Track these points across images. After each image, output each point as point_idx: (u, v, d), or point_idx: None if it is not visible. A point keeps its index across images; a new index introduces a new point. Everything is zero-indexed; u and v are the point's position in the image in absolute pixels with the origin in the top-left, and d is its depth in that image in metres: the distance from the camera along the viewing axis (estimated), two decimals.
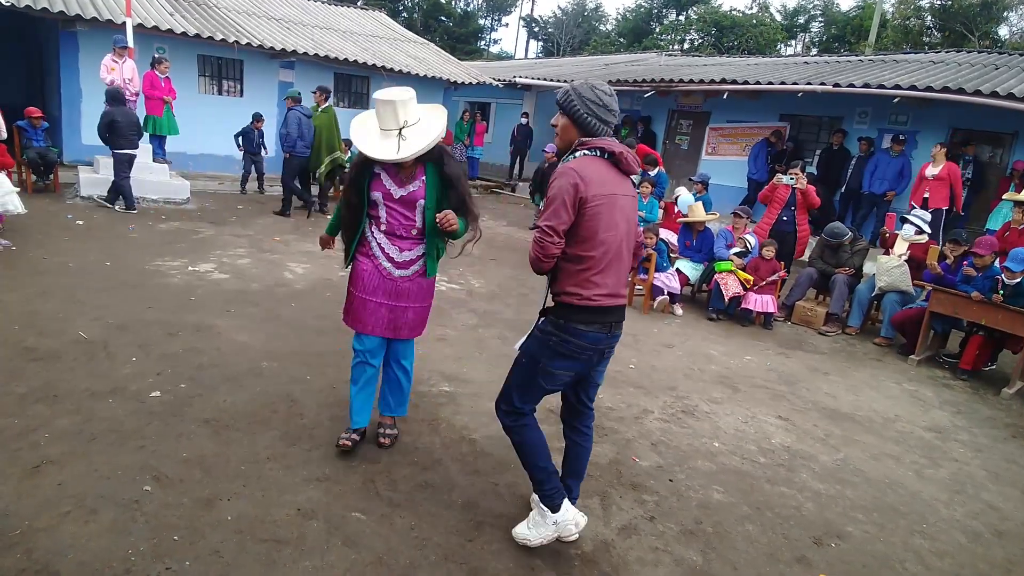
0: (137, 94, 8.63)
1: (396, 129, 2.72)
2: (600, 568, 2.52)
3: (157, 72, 8.77)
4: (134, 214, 7.80)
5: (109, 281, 5.19)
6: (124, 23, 8.67)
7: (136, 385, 3.47)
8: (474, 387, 4.02)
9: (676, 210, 7.79)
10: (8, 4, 8.83)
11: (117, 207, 7.87)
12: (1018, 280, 5.20)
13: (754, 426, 4.05)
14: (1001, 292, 5.26)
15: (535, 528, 2.50)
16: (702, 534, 2.83)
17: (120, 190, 7.78)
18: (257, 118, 10.23)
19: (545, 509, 2.47)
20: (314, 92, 8.98)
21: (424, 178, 2.83)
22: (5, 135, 6.34)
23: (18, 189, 6.08)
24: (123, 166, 7.70)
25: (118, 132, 7.52)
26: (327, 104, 8.98)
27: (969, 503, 3.45)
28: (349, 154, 9.25)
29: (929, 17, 24.57)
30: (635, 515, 2.90)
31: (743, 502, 3.14)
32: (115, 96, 7.67)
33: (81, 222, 7.09)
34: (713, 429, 3.92)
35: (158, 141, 9.16)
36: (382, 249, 2.90)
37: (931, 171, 8.37)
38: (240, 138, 10.31)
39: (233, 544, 2.35)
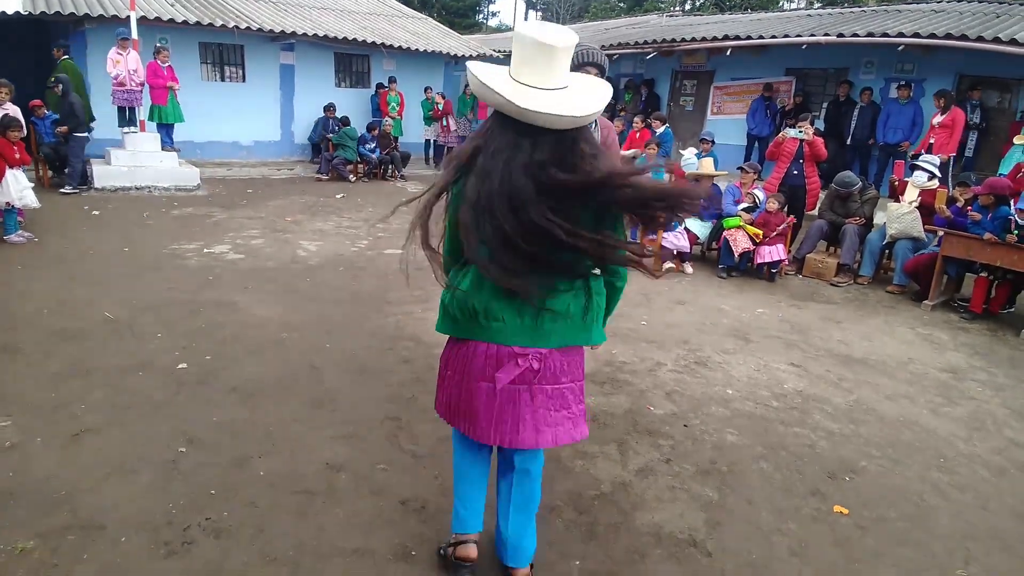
0: (142, 84, 8.76)
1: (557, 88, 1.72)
2: (619, 506, 2.60)
3: (158, 61, 8.96)
4: (85, 194, 8.15)
5: (129, 266, 5.32)
6: (128, 17, 8.74)
7: (163, 359, 3.59)
8: None
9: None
10: (26, 13, 9.05)
11: (69, 188, 8.14)
12: None
13: (767, 373, 4.10)
14: (1015, 232, 5.22)
15: None
16: (717, 473, 2.91)
17: (76, 171, 8.17)
18: (329, 108, 11.35)
19: None
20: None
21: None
22: (25, 132, 6.50)
23: (33, 184, 6.22)
24: (82, 149, 8.24)
25: (80, 117, 7.99)
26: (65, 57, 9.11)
27: (990, 439, 3.46)
28: None
29: None
30: (651, 458, 2.98)
31: (757, 443, 3.20)
32: (71, 83, 8.16)
33: (97, 212, 7.22)
34: (726, 378, 3.98)
35: (165, 130, 9.31)
36: None
37: (937, 119, 8.36)
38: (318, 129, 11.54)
39: (267, 497, 2.46)
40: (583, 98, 1.71)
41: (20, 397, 3.06)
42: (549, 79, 1.69)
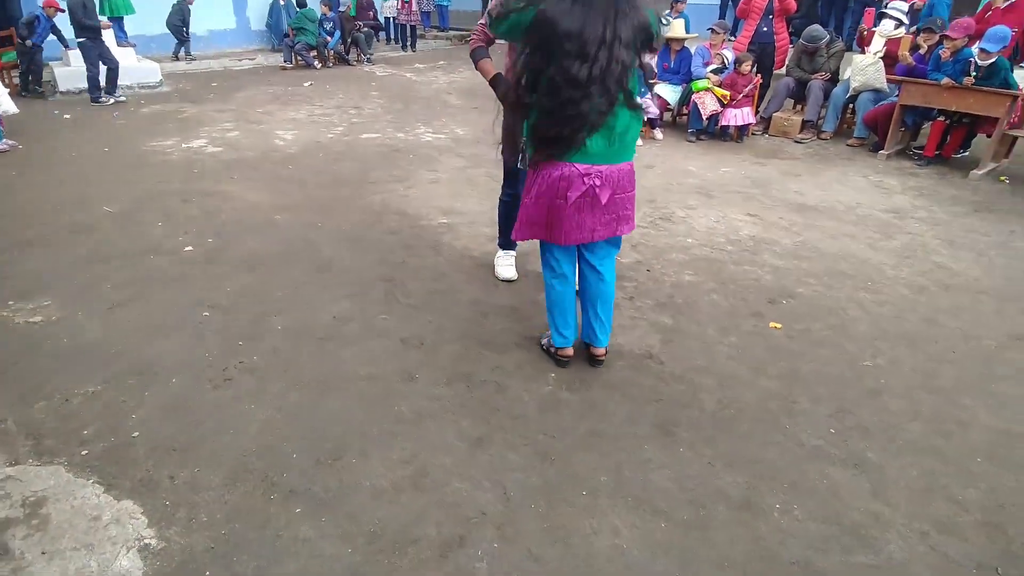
0: None
1: None
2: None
3: None
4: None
5: (114, 164, 5.47)
6: None
7: (170, 243, 3.90)
8: (469, 217, 4.43)
9: None
10: None
11: (109, 98, 7.84)
12: (992, 60, 5.28)
13: (725, 224, 4.49)
14: (974, 74, 5.36)
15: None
16: (673, 305, 3.36)
17: (96, 82, 7.71)
18: None
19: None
20: None
21: None
22: None
23: (8, 91, 6.23)
24: (90, 53, 7.65)
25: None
26: None
27: (917, 265, 3.91)
28: None
29: None
30: (617, 297, 3.41)
31: (710, 280, 3.65)
32: None
33: (68, 116, 7.19)
34: (688, 230, 4.37)
35: (118, 23, 8.99)
36: None
37: None
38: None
39: (288, 344, 2.89)
40: None
41: (52, 281, 3.40)
42: None
